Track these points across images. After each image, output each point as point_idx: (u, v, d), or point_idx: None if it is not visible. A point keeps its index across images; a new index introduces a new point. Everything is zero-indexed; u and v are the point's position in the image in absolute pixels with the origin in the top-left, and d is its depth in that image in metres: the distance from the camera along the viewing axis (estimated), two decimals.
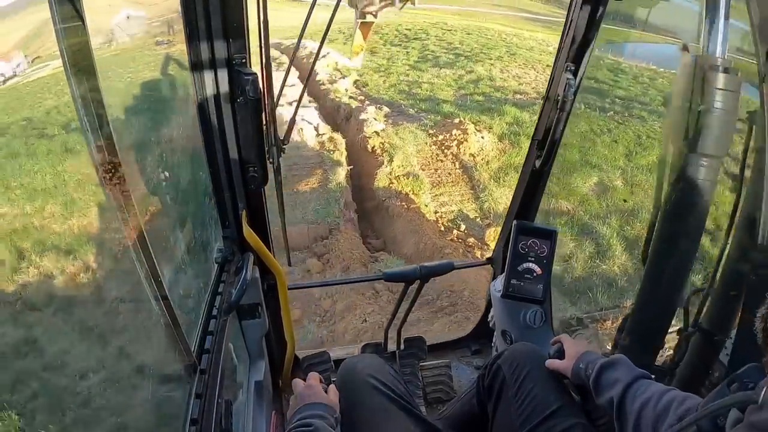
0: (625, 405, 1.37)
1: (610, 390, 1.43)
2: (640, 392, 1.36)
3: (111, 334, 2.00)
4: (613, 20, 4.53)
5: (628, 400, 1.37)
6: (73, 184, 2.17)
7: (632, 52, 11.74)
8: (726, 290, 1.81)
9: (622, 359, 1.50)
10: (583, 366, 1.56)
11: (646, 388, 1.36)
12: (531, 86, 12.02)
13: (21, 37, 1.60)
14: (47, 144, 2.46)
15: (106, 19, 1.63)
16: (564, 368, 1.64)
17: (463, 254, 6.85)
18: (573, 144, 7.97)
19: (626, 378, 1.42)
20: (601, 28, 1.82)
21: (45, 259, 2.16)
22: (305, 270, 6.63)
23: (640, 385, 1.38)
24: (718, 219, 3.03)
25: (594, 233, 6.25)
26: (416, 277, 2.29)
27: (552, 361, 1.69)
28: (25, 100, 2.16)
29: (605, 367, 1.49)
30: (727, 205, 1.78)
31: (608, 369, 1.49)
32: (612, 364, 1.49)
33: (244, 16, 1.54)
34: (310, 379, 1.68)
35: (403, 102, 11.22)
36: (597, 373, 1.49)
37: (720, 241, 1.84)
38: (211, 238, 1.98)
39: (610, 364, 1.49)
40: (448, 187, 8.64)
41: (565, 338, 1.75)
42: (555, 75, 1.94)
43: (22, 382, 1.87)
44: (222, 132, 1.71)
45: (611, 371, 1.47)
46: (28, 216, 2.25)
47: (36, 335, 2.00)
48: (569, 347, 1.68)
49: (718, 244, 1.87)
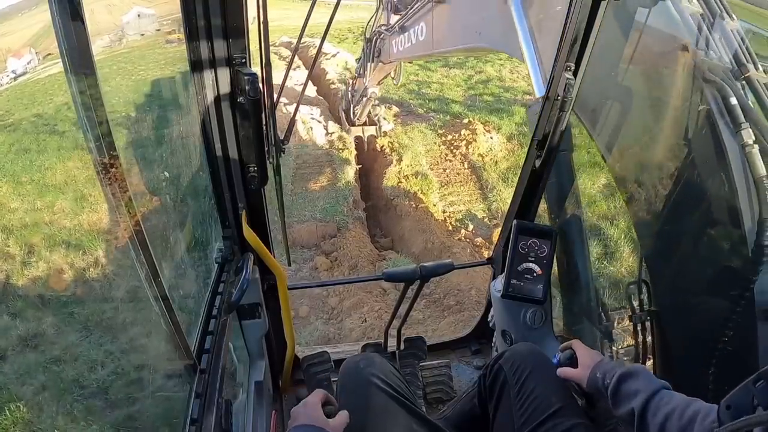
0: (646, 417, 1.33)
1: (630, 401, 1.39)
2: (663, 404, 1.32)
3: (111, 333, 2.02)
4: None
5: (650, 412, 1.33)
6: (72, 183, 2.19)
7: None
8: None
9: (641, 369, 1.46)
10: (600, 375, 1.52)
11: (669, 399, 1.33)
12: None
13: (32, 34, 1.62)
14: (58, 140, 2.49)
15: (104, 20, 1.65)
16: (578, 377, 1.60)
17: (471, 254, 6.84)
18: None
19: (647, 389, 1.37)
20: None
21: (45, 258, 2.19)
22: (313, 268, 6.66)
23: (662, 396, 1.34)
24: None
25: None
26: (416, 277, 2.28)
27: (565, 370, 1.65)
28: (36, 97, 2.18)
29: (624, 377, 1.45)
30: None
31: (627, 379, 1.44)
32: (631, 374, 1.45)
33: (244, 16, 1.54)
34: (314, 395, 1.53)
35: (412, 102, 11.21)
36: (616, 384, 1.45)
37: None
38: (211, 238, 1.99)
39: (629, 374, 1.45)
40: (456, 186, 8.63)
41: (578, 345, 1.70)
42: (555, 75, 1.92)
43: (23, 381, 1.89)
44: (222, 132, 1.71)
45: (631, 381, 1.43)
46: (36, 212, 2.27)
47: (36, 334, 2.03)
48: (583, 355, 1.64)
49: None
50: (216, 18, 1.52)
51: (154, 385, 1.70)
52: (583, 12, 1.78)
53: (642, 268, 2.05)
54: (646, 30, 1.88)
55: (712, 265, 1.74)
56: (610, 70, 2.07)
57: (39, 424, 1.88)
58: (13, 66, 1.72)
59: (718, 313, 1.65)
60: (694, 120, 1.70)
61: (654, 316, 2.01)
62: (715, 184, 1.63)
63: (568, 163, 2.30)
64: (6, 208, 2.29)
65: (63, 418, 1.90)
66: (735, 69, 1.60)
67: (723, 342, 1.65)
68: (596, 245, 4.47)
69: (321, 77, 12.40)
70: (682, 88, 1.77)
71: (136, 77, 2.04)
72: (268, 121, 1.76)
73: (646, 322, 2.04)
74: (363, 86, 7.84)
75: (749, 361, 1.57)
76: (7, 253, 2.22)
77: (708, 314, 1.77)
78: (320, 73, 12.54)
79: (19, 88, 1.89)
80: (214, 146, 1.73)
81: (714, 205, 1.67)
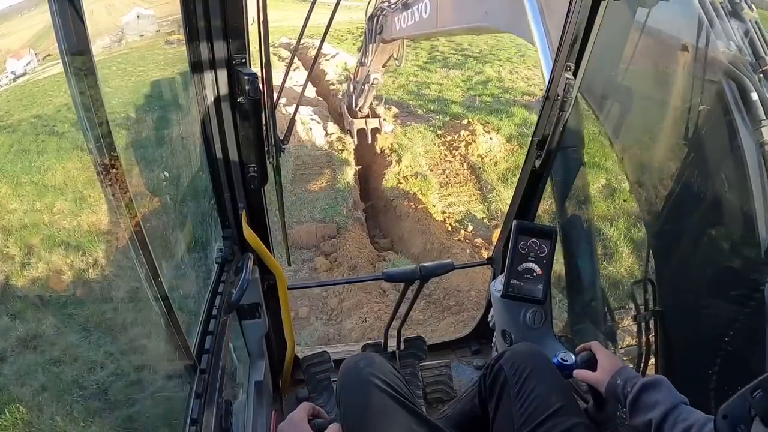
0: (663, 430, 1.32)
1: (649, 412, 1.38)
2: (681, 419, 1.30)
3: (111, 334, 2.02)
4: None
5: (667, 425, 1.32)
6: (72, 184, 2.19)
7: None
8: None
9: (663, 381, 1.43)
10: (621, 382, 1.50)
11: (687, 415, 1.31)
12: (540, 88, 11.92)
13: (32, 35, 1.62)
14: (58, 141, 2.48)
15: (104, 21, 1.65)
16: (597, 381, 1.58)
17: (470, 254, 6.84)
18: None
19: (667, 402, 1.36)
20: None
21: (44, 259, 2.19)
22: (313, 269, 6.66)
23: (681, 411, 1.33)
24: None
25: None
26: (416, 278, 2.28)
27: (582, 372, 1.63)
28: (35, 98, 2.18)
29: (647, 387, 1.43)
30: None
31: (649, 389, 1.42)
32: (653, 384, 1.43)
33: (244, 16, 1.54)
34: (300, 410, 1.50)
35: (411, 103, 11.22)
36: (637, 393, 1.43)
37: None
38: (211, 238, 1.99)
39: (651, 384, 1.43)
40: (456, 187, 8.63)
41: (598, 348, 1.68)
42: (555, 75, 1.93)
43: (23, 382, 1.89)
44: (222, 132, 1.72)
45: (652, 392, 1.41)
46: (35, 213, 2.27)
47: (36, 335, 2.02)
48: (604, 359, 1.62)
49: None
50: (216, 18, 1.52)
51: (154, 386, 1.70)
52: (583, 12, 1.78)
53: (648, 266, 2.04)
54: (662, 20, 1.84)
55: (721, 265, 1.72)
56: (621, 63, 2.04)
57: (39, 425, 1.87)
58: (13, 67, 1.72)
59: (725, 315, 1.64)
60: (709, 116, 1.67)
61: (659, 315, 2.01)
62: (730, 183, 1.60)
63: (578, 161, 2.29)
64: (6, 209, 2.29)
65: (63, 418, 1.90)
66: (753, 62, 1.56)
67: (728, 344, 1.63)
68: (600, 244, 4.48)
69: (321, 78, 12.42)
70: (694, 83, 1.73)
71: (136, 78, 2.05)
72: (268, 121, 1.76)
73: (650, 321, 2.03)
74: (366, 73, 7.76)
75: (755, 364, 1.54)
76: (6, 254, 2.22)
77: (714, 315, 1.75)
78: (320, 74, 12.56)
79: (18, 89, 1.89)
80: (214, 146, 1.74)
81: (727, 204, 1.65)
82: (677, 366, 1.95)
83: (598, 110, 2.16)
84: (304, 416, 1.47)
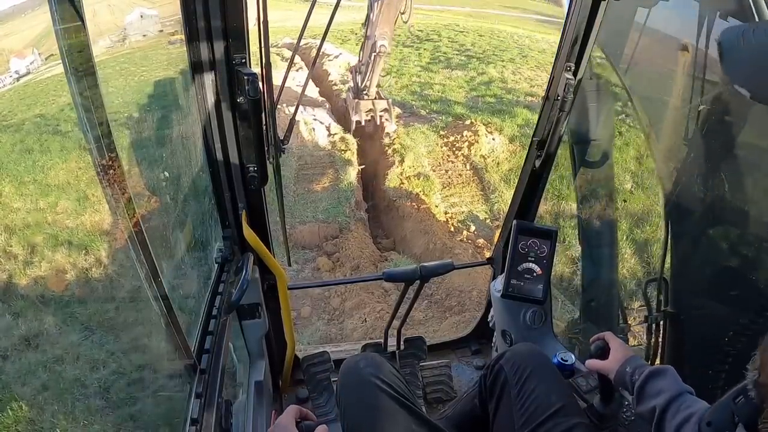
0: (666, 417, 1.34)
1: (654, 399, 1.39)
2: (683, 407, 1.32)
3: (112, 333, 2.02)
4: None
5: (670, 412, 1.34)
6: (75, 184, 2.19)
7: None
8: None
9: (670, 370, 1.45)
10: (630, 370, 1.51)
11: (690, 404, 1.33)
12: (543, 88, 11.89)
13: (35, 35, 1.62)
14: (61, 140, 2.49)
15: (107, 21, 1.66)
16: (607, 369, 1.59)
17: (473, 255, 6.84)
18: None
19: (672, 390, 1.38)
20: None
21: (47, 258, 2.19)
22: (315, 268, 6.67)
23: (684, 399, 1.35)
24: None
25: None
26: (416, 278, 2.28)
27: (594, 362, 1.63)
28: (38, 97, 2.19)
29: (653, 375, 1.45)
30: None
31: (655, 377, 1.45)
32: (660, 372, 1.45)
33: (244, 16, 1.55)
34: (287, 413, 1.46)
35: (414, 103, 11.23)
36: (643, 380, 1.45)
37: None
38: (211, 238, 1.99)
39: (657, 372, 1.45)
40: (458, 188, 8.63)
41: (611, 337, 1.68)
42: (555, 75, 1.93)
43: (24, 381, 1.89)
44: (222, 132, 1.72)
45: (658, 380, 1.43)
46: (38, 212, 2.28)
47: (37, 334, 2.03)
48: (616, 348, 1.62)
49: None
50: (216, 18, 1.52)
51: (155, 385, 1.70)
52: (583, 12, 1.78)
53: (664, 266, 2.03)
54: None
55: (741, 270, 1.71)
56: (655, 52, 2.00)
57: (40, 424, 1.88)
58: (16, 66, 1.73)
59: (738, 319, 1.64)
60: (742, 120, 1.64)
61: (670, 316, 2.00)
62: (760, 188, 1.59)
63: (606, 155, 2.28)
64: (9, 207, 2.30)
65: (64, 417, 1.91)
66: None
67: (738, 349, 1.63)
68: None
69: (323, 78, 12.43)
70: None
71: (137, 78, 2.05)
72: (268, 121, 1.76)
73: (661, 321, 2.03)
74: (371, 44, 7.55)
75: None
76: (9, 252, 2.23)
77: (728, 319, 1.75)
78: (323, 74, 12.57)
79: (21, 89, 1.90)
80: (214, 146, 1.74)
81: (756, 210, 1.63)
82: (686, 365, 1.95)
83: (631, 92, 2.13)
84: (291, 419, 1.45)
